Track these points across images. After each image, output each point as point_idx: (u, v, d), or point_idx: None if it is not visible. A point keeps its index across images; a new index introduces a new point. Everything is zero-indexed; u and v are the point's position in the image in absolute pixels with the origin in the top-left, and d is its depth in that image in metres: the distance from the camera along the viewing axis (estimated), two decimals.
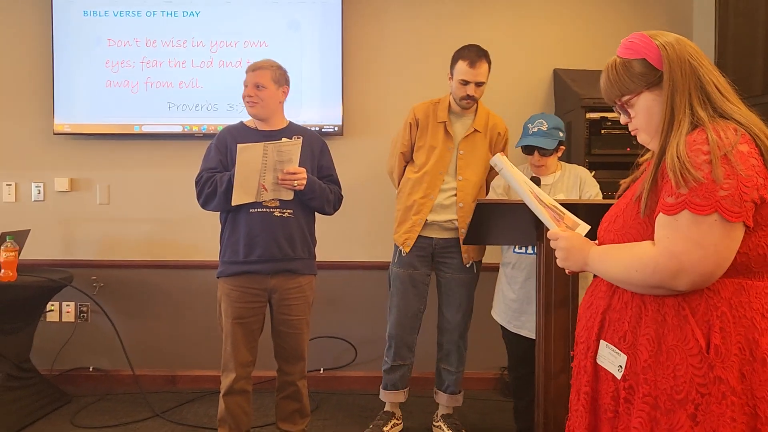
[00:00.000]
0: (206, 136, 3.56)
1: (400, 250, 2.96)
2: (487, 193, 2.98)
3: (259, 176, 2.43)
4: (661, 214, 1.23)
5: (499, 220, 2.32)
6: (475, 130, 2.93)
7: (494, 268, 2.97)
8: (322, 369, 3.75)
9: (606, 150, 3.19)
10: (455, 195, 2.91)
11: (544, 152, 2.68)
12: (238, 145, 2.37)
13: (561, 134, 2.70)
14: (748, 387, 1.17)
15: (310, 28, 3.66)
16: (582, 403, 1.38)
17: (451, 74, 2.90)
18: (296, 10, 3.65)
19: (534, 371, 2.81)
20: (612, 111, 2.15)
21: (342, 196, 2.75)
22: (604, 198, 2.76)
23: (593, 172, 3.12)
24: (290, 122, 2.74)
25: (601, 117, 3.20)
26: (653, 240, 1.25)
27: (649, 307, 1.27)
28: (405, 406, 3.23)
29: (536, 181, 2.69)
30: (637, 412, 1.24)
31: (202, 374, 3.72)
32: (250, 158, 2.39)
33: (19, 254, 3.13)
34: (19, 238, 3.21)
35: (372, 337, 3.62)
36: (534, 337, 2.68)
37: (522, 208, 2.24)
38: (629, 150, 3.10)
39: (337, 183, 2.74)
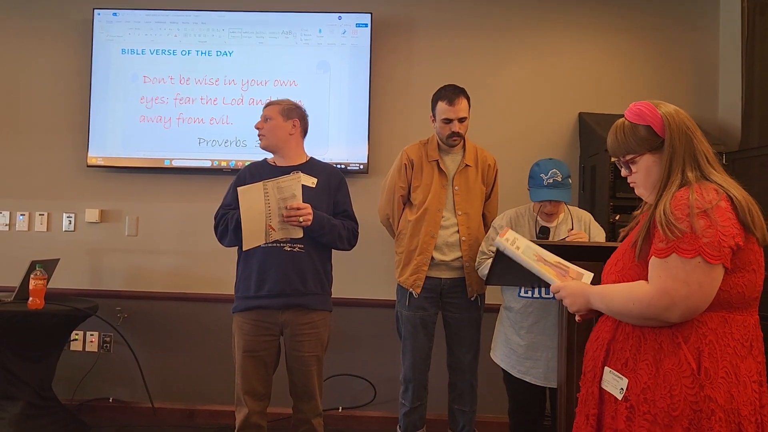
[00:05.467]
0: (234, 172, 3.63)
1: (410, 293, 2.95)
2: (486, 229, 2.99)
3: (265, 217, 2.43)
4: (653, 257, 1.44)
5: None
6: (467, 165, 2.97)
7: (495, 309, 2.95)
8: (340, 408, 3.72)
9: (630, 193, 3.13)
10: (458, 231, 2.92)
11: (559, 201, 2.68)
12: (238, 189, 2.40)
13: (570, 181, 2.69)
14: (736, 407, 1.36)
15: (339, 68, 3.74)
16: (590, 424, 1.55)
17: (434, 116, 2.96)
18: (326, 51, 3.75)
19: (537, 417, 2.78)
20: None
21: (357, 231, 2.74)
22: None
23: (618, 215, 3.12)
24: (311, 158, 2.77)
25: None
26: (647, 280, 1.46)
27: (648, 337, 1.47)
28: None
29: (545, 231, 2.68)
30: (638, 429, 1.42)
31: (220, 409, 3.71)
32: (252, 200, 2.40)
33: (47, 283, 3.19)
34: (48, 266, 3.28)
35: (392, 376, 3.58)
36: (539, 384, 2.66)
37: (547, 249, 2.24)
38: None
39: (352, 218, 2.74)
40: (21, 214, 3.86)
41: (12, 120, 3.91)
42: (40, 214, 3.86)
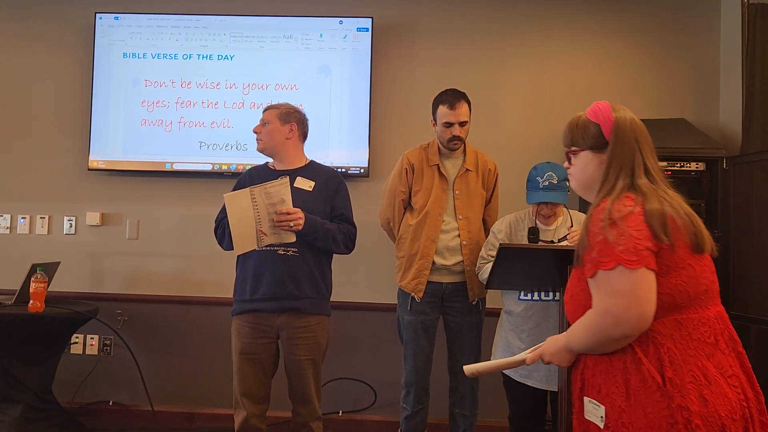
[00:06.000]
0: (234, 175, 3.63)
1: (412, 298, 2.94)
2: (486, 234, 2.99)
3: (255, 222, 2.43)
4: (588, 279, 1.43)
5: (522, 265, 2.31)
6: (467, 169, 2.98)
7: (496, 313, 2.95)
8: (340, 411, 3.71)
9: None
10: (459, 235, 2.92)
11: (555, 204, 2.68)
12: (224, 196, 2.41)
13: (568, 183, 2.69)
14: (713, 409, 1.30)
15: (340, 72, 3.75)
16: None
17: (434, 120, 2.96)
18: (327, 55, 3.76)
19: (539, 422, 2.76)
20: None
21: (355, 235, 2.72)
22: None
23: None
24: (311, 161, 2.76)
25: None
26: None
27: (613, 359, 1.42)
28: None
29: (535, 231, 2.68)
30: None
31: (220, 412, 3.70)
32: (240, 206, 2.40)
33: (48, 286, 3.19)
34: (49, 269, 3.28)
35: (392, 379, 3.57)
36: (541, 387, 2.65)
37: (546, 252, 2.24)
38: None
39: (350, 222, 2.72)
40: (22, 217, 3.87)
41: (14, 123, 3.91)
42: (41, 217, 3.87)
